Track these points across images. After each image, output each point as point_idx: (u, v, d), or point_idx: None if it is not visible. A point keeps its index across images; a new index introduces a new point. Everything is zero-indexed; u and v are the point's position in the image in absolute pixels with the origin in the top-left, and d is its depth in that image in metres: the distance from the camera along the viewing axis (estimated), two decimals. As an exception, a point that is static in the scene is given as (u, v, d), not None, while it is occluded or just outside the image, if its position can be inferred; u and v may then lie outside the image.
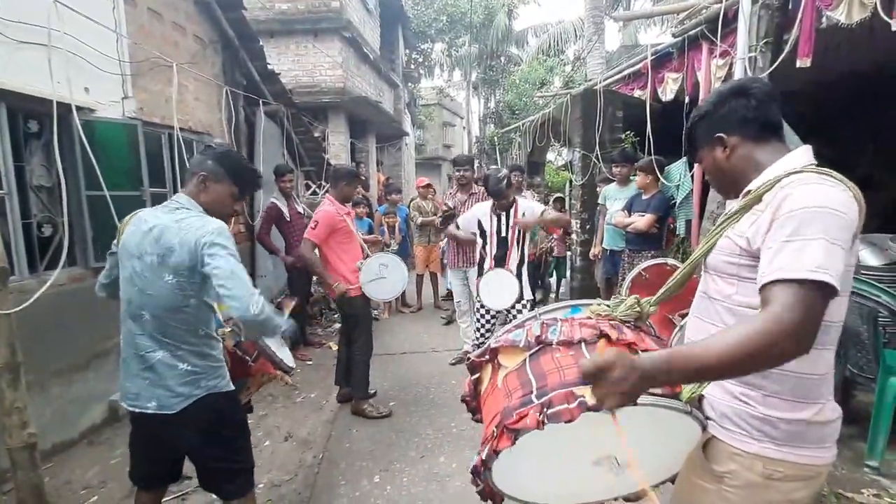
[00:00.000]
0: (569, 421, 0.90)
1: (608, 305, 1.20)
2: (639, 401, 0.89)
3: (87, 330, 3.03)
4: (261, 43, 5.43)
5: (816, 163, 1.03)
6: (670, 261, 2.93)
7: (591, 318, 1.14)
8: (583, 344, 1.05)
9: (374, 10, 10.31)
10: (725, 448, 1.07)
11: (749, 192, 1.06)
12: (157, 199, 3.68)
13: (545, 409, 0.94)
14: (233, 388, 1.77)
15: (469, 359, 1.23)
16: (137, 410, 1.64)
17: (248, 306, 1.50)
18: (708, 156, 1.18)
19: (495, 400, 1.09)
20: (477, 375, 1.23)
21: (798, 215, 0.91)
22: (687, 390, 1.00)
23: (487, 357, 1.18)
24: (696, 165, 3.84)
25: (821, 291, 0.85)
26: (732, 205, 1.18)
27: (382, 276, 3.22)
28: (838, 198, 0.93)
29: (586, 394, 0.92)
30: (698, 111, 1.20)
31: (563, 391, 0.95)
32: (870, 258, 3.18)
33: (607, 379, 0.84)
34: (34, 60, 2.75)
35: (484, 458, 1.02)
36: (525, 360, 1.07)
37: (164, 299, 1.59)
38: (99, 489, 2.59)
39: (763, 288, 0.90)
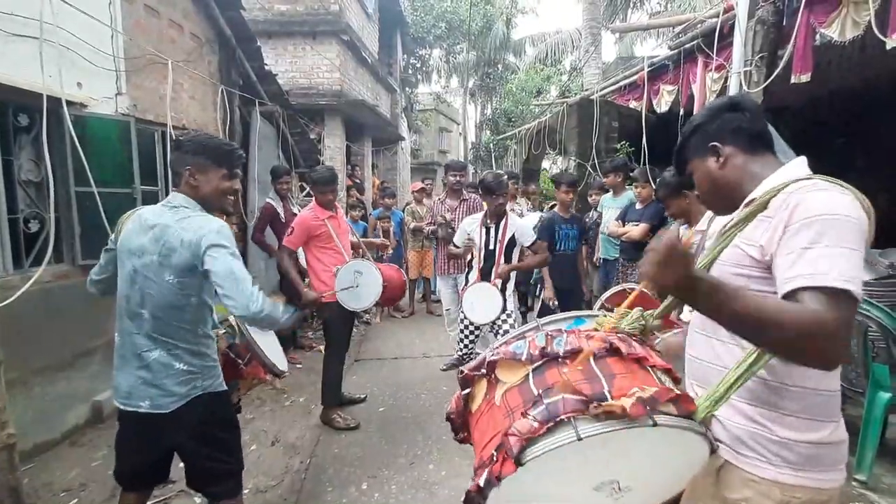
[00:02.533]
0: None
1: (613, 317, 1.15)
2: (658, 421, 0.86)
3: (71, 328, 2.97)
4: (258, 43, 5.41)
5: (819, 175, 1.03)
6: (628, 286, 2.92)
7: (597, 329, 1.09)
8: (591, 358, 0.98)
9: (374, 15, 10.34)
10: (740, 474, 1.03)
11: (752, 200, 1.04)
12: (149, 197, 3.65)
13: (551, 420, 0.88)
14: (226, 388, 1.75)
15: (462, 372, 1.14)
16: (129, 409, 1.61)
17: (248, 305, 1.52)
18: (701, 167, 1.17)
19: (493, 419, 1.01)
20: (468, 391, 1.13)
21: (819, 220, 0.90)
22: (702, 409, 0.96)
23: (483, 371, 1.09)
24: None
25: (854, 303, 0.86)
26: (723, 219, 1.17)
27: (356, 284, 3.12)
28: (852, 205, 0.93)
29: (600, 410, 0.88)
30: (691, 123, 1.20)
31: (573, 403, 0.90)
32: (859, 273, 3.21)
33: (669, 262, 0.88)
34: (26, 53, 2.71)
35: (482, 484, 0.93)
36: (528, 374, 1.00)
37: (165, 298, 1.57)
38: (79, 491, 2.52)
39: (791, 293, 0.89)
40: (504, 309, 3.27)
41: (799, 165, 1.06)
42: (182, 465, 1.72)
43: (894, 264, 3.25)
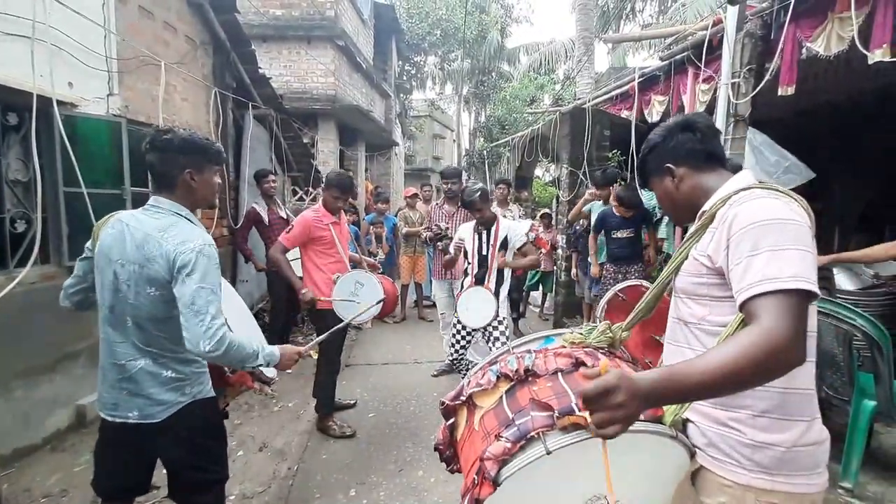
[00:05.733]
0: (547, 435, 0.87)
1: (581, 333, 1.20)
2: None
3: (56, 330, 2.92)
4: (252, 47, 5.41)
5: (762, 183, 1.07)
6: (646, 283, 2.96)
7: (564, 347, 1.13)
8: (559, 374, 1.02)
9: (369, 21, 10.39)
10: (715, 479, 1.03)
11: (704, 212, 1.09)
12: (139, 199, 3.61)
13: (523, 440, 0.90)
14: (214, 394, 1.72)
15: (443, 403, 1.17)
16: (118, 420, 1.56)
17: (199, 342, 1.44)
18: (659, 185, 1.23)
19: (473, 444, 1.03)
20: (452, 420, 1.16)
21: (753, 229, 0.93)
22: (669, 413, 0.98)
23: (462, 399, 1.12)
24: None
25: (803, 298, 0.87)
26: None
27: (356, 295, 3.06)
28: (787, 208, 0.96)
29: (566, 422, 0.90)
30: (647, 144, 1.25)
31: (542, 419, 0.92)
32: (845, 282, 3.26)
33: (609, 403, 0.77)
34: (16, 52, 2.69)
35: None
36: (501, 396, 1.04)
37: (148, 310, 1.52)
38: (60, 497, 2.47)
39: (744, 304, 0.90)
40: (497, 315, 3.28)
41: (743, 177, 1.10)
42: (164, 471, 1.69)
43: (879, 274, 3.30)
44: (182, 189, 1.59)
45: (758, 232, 0.92)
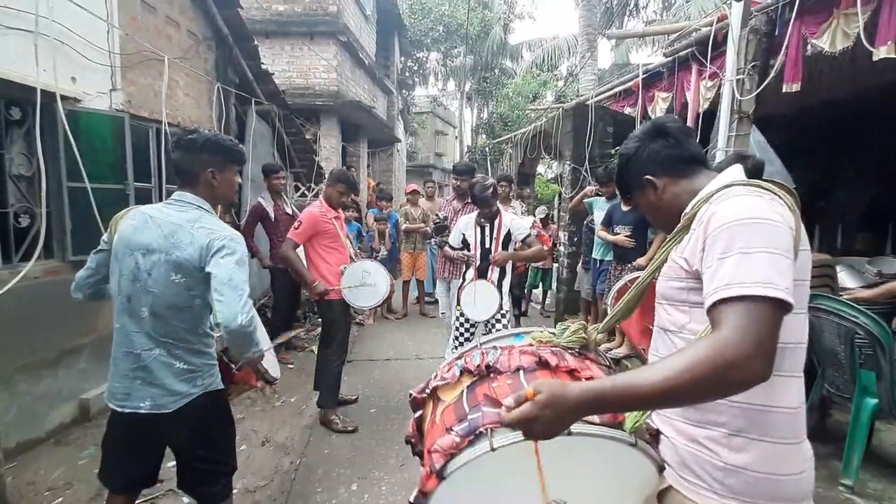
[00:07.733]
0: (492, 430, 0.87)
1: (552, 333, 1.17)
2: (573, 429, 0.82)
3: (59, 325, 2.94)
4: (255, 42, 5.41)
5: (746, 179, 0.99)
6: (630, 277, 2.97)
7: (531, 345, 1.12)
8: (521, 372, 1.02)
9: (371, 16, 10.36)
10: (683, 502, 0.95)
11: (685, 213, 1.03)
12: (142, 194, 3.62)
13: (470, 436, 0.90)
14: (223, 386, 1.74)
15: (411, 395, 1.17)
16: (128, 411, 1.58)
17: (237, 315, 1.49)
18: (641, 198, 1.15)
19: (432, 437, 1.03)
20: (420, 413, 1.17)
21: (727, 229, 0.86)
22: (630, 419, 0.92)
23: (428, 392, 1.12)
24: None
25: (771, 307, 0.78)
26: None
27: (364, 283, 3.19)
28: (769, 207, 0.88)
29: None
30: (622, 158, 1.18)
31: (492, 415, 0.91)
32: (848, 281, 3.26)
33: (533, 410, 0.78)
34: (20, 47, 2.69)
35: (412, 501, 0.95)
36: (463, 391, 1.04)
37: (169, 298, 1.56)
38: (64, 490, 2.49)
39: (709, 310, 0.84)
40: (500, 308, 3.28)
41: (729, 173, 1.03)
42: (171, 464, 1.70)
43: (882, 272, 3.30)
44: (203, 186, 1.66)
45: (731, 233, 0.86)
